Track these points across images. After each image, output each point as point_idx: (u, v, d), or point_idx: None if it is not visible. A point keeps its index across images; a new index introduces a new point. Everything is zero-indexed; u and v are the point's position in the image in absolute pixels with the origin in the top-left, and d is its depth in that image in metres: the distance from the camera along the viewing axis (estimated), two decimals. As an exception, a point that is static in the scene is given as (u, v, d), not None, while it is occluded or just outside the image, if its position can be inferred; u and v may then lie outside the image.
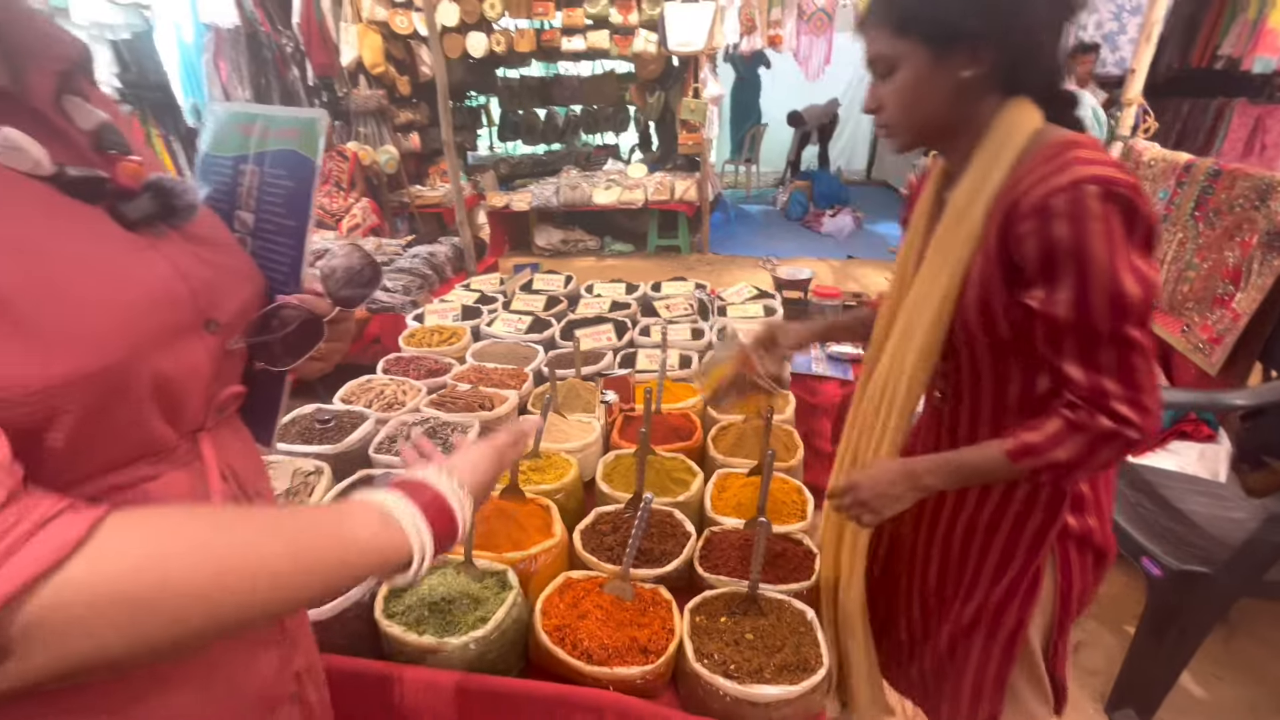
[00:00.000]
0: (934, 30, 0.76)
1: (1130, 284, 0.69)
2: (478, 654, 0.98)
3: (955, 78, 0.78)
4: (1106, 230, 0.68)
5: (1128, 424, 0.72)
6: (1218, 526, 1.46)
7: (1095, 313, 0.70)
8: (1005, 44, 0.76)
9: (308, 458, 1.37)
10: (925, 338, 0.86)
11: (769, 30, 5.02)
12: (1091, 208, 0.68)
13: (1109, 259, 0.68)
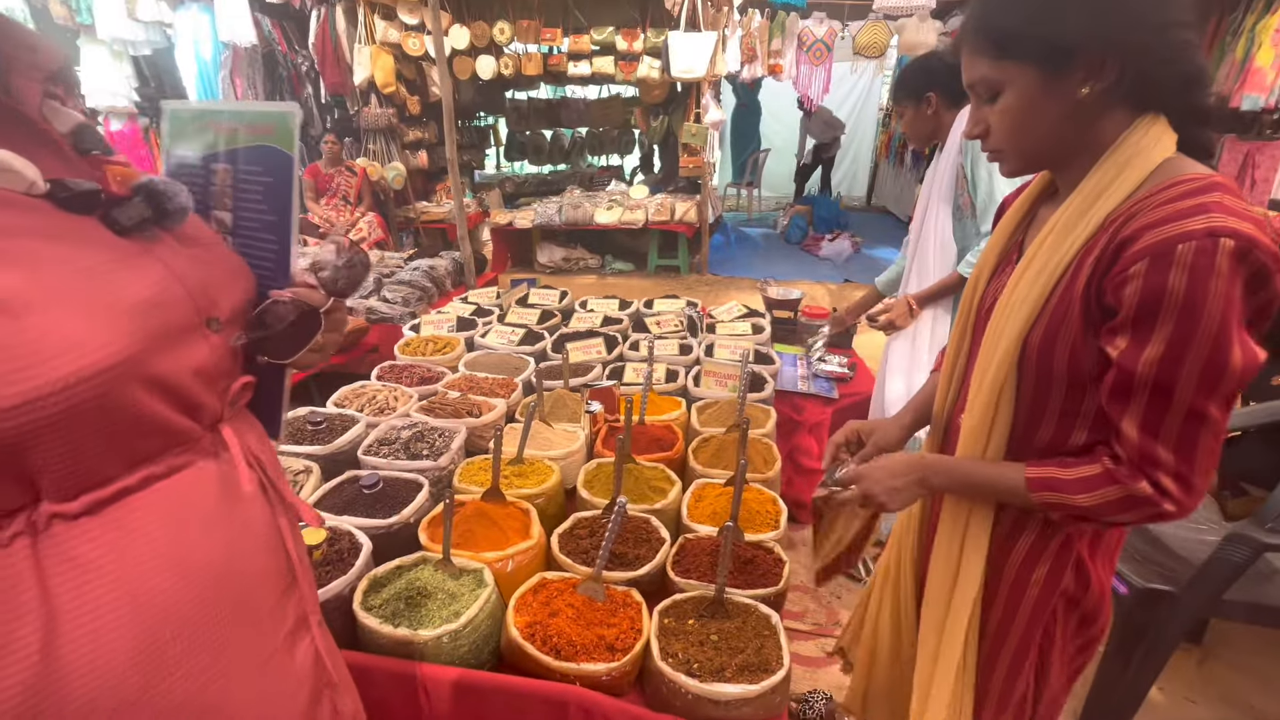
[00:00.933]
0: (1044, 50, 0.67)
1: (1237, 357, 0.61)
2: (450, 647, 1.02)
3: (1072, 97, 0.68)
4: (1230, 294, 0.60)
5: (1168, 497, 0.67)
6: (1187, 548, 1.49)
7: (1182, 379, 0.63)
8: (1133, 52, 0.65)
9: (298, 457, 1.42)
10: (1002, 366, 0.76)
11: (769, 59, 5.16)
12: (1222, 266, 0.59)
13: (1222, 325, 0.60)
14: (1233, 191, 0.63)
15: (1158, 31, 0.65)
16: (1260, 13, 4.06)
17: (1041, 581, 0.83)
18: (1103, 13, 0.64)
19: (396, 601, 1.07)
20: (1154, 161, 0.67)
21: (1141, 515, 0.70)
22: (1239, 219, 0.60)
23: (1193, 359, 0.62)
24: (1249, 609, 1.34)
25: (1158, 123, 0.68)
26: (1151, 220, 0.64)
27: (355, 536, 1.18)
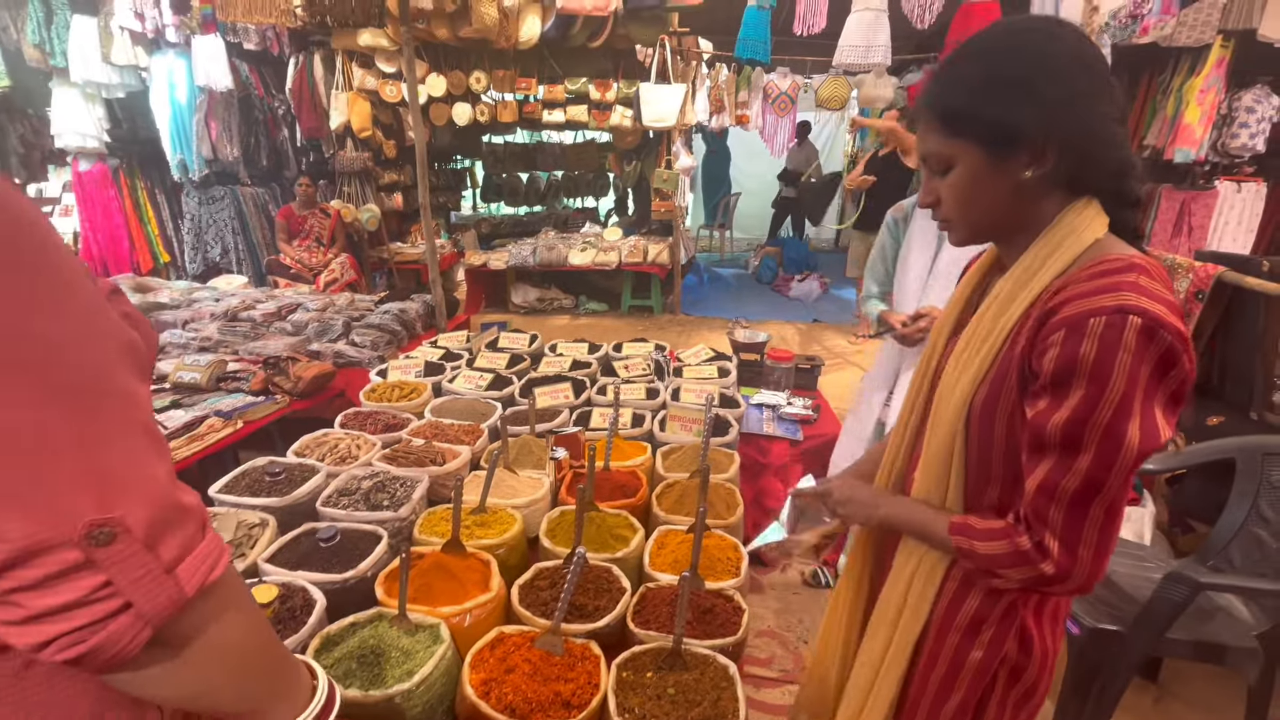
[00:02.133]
0: (989, 132, 0.72)
1: (1134, 431, 0.64)
2: (403, 707, 0.99)
3: (1015, 178, 0.73)
4: (1134, 367, 0.63)
5: (1048, 558, 0.69)
6: (1135, 586, 1.54)
7: (1083, 444, 0.66)
8: (1072, 142, 0.70)
9: (253, 509, 1.40)
10: (949, 425, 0.80)
11: (737, 110, 5.38)
12: (1129, 340, 0.63)
13: (1124, 397, 0.64)
14: (1151, 273, 0.68)
15: (1095, 124, 0.70)
16: (1185, 74, 4.40)
17: (985, 644, 0.83)
18: (1045, 105, 0.69)
19: (349, 660, 1.05)
20: (1085, 242, 0.72)
21: (1026, 575, 0.71)
22: (1150, 299, 0.64)
23: (1094, 426, 0.65)
24: (1194, 647, 1.39)
25: (1091, 206, 0.74)
26: (1073, 295, 0.68)
27: (309, 593, 1.16)
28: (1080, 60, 0.70)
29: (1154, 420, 0.65)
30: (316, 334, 2.89)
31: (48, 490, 0.38)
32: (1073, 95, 0.70)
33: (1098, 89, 0.70)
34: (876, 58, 4.83)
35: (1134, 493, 2.06)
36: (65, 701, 0.47)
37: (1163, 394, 0.65)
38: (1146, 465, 1.73)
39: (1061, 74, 0.69)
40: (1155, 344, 0.63)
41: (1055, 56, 0.70)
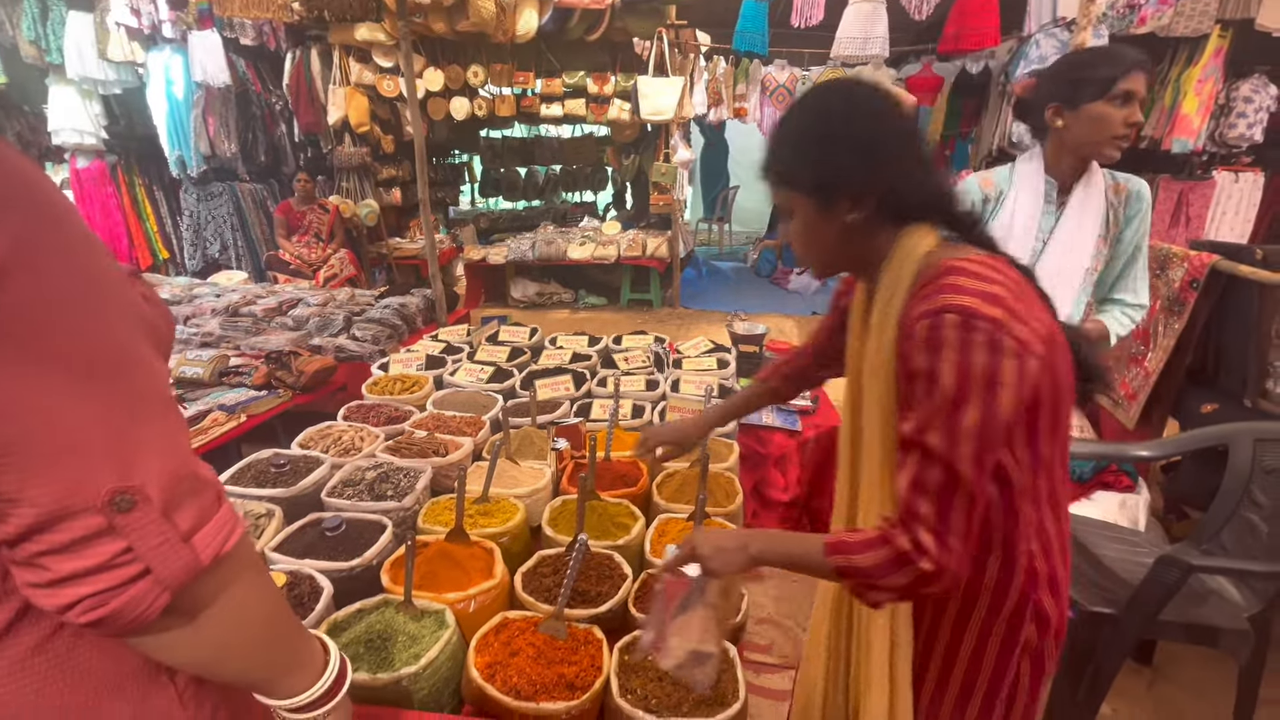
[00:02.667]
0: (810, 185, 0.81)
1: (971, 418, 0.67)
2: (410, 689, 1.02)
3: (842, 221, 0.81)
4: (959, 361, 0.67)
5: (924, 553, 0.69)
6: (1129, 571, 1.56)
7: (930, 438, 0.70)
8: (881, 188, 0.78)
9: (260, 500, 1.41)
10: (877, 457, 0.85)
11: (735, 103, 5.37)
12: (947, 337, 0.68)
13: (955, 390, 0.68)
14: (969, 271, 0.72)
15: (896, 169, 0.78)
16: (1184, 64, 4.40)
17: (1003, 636, 0.84)
18: (851, 162, 0.78)
19: (357, 645, 1.07)
20: (916, 259, 0.79)
21: (907, 577, 0.71)
22: (964, 294, 0.69)
23: (938, 420, 0.69)
24: (1186, 629, 1.41)
25: (919, 229, 0.81)
26: (909, 309, 0.75)
27: (316, 580, 1.18)
28: (875, 116, 0.78)
29: (994, 406, 0.67)
30: (317, 329, 2.90)
31: (73, 457, 0.40)
32: (871, 148, 0.78)
33: (892, 137, 0.78)
34: (874, 49, 4.82)
35: (1129, 479, 2.08)
36: (86, 671, 0.49)
37: (1005, 378, 0.67)
38: (1140, 452, 1.76)
39: (860, 131, 0.78)
40: (974, 333, 0.67)
41: (853, 116, 0.78)
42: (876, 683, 0.90)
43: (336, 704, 0.63)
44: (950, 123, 5.70)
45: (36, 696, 0.47)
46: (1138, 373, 2.19)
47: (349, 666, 0.66)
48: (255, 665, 0.56)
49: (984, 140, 5.37)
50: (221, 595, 0.49)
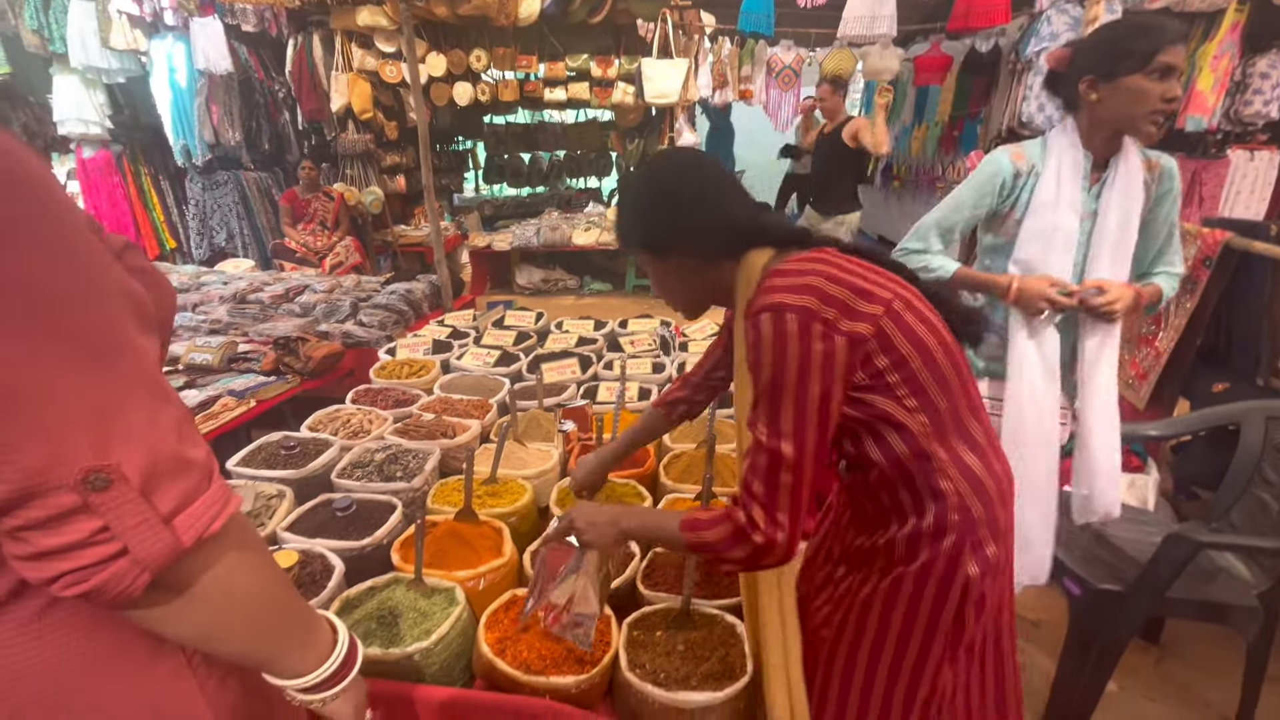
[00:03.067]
0: (645, 244, 0.93)
1: (785, 400, 0.76)
2: (422, 664, 1.03)
3: (682, 267, 0.92)
4: (772, 351, 0.76)
5: (755, 528, 0.77)
6: (1137, 550, 1.55)
7: (758, 423, 0.79)
8: (693, 238, 0.89)
9: (271, 482, 1.43)
10: None
11: (740, 85, 5.31)
12: (763, 332, 0.76)
13: (770, 377, 0.76)
14: (783, 272, 0.81)
15: (704, 219, 0.88)
16: (1199, 40, 4.30)
17: (941, 572, 0.85)
18: (661, 222, 0.89)
19: (369, 621, 1.09)
20: (754, 278, 0.87)
21: (745, 550, 0.78)
22: (775, 293, 0.78)
23: (762, 406, 0.78)
24: (1195, 606, 1.41)
25: (754, 253, 0.89)
26: (746, 320, 0.82)
27: (328, 559, 1.20)
28: (675, 179, 0.89)
29: (806, 386, 0.76)
30: (324, 315, 2.91)
31: (45, 435, 0.40)
32: (674, 208, 0.88)
33: (690, 194, 0.88)
34: (882, 29, 4.74)
35: (1138, 459, 2.07)
36: (92, 634, 0.50)
37: (813, 360, 0.75)
38: (1150, 431, 1.74)
39: (663, 196, 0.89)
40: (783, 324, 0.75)
41: (656, 185, 0.90)
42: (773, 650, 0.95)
43: (347, 685, 0.63)
44: (959, 103, 5.61)
45: (42, 657, 0.48)
46: (1148, 352, 2.16)
47: (359, 647, 0.66)
48: (253, 643, 0.56)
49: (993, 120, 5.29)
50: (209, 574, 0.49)
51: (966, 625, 0.85)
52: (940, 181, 5.94)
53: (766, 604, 0.97)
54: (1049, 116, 4.65)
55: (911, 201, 6.75)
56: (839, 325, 0.76)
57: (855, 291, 0.78)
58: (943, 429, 0.83)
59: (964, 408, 0.85)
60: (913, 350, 0.80)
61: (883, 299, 0.79)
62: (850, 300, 0.77)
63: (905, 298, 0.82)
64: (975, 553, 0.83)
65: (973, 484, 0.83)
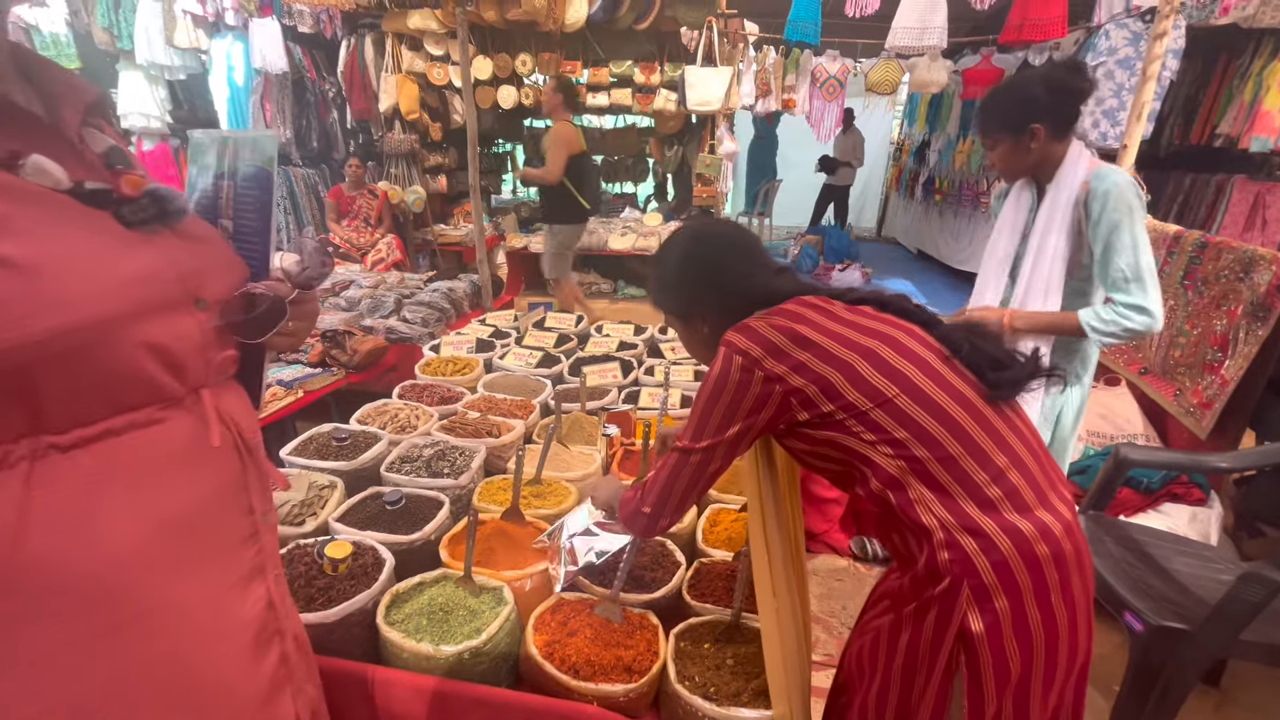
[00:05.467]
0: (666, 310, 1.05)
1: (689, 422, 0.91)
2: (471, 663, 1.03)
3: (701, 333, 1.02)
4: (706, 378, 0.89)
5: (643, 503, 0.95)
6: (1203, 587, 1.48)
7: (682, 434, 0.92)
8: (710, 308, 0.98)
9: (323, 472, 1.45)
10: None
11: (784, 94, 5.28)
12: (713, 363, 0.89)
13: (699, 397, 0.90)
14: (749, 326, 0.88)
15: (715, 293, 0.97)
16: (1267, 58, 4.14)
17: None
18: (678, 295, 1.02)
19: (419, 617, 1.09)
20: None
21: (624, 515, 1.01)
22: (732, 333, 0.89)
23: (689, 419, 0.91)
24: (1268, 650, 1.33)
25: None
26: None
27: (379, 552, 1.21)
28: (703, 252, 0.99)
29: (712, 411, 0.88)
30: (369, 310, 2.97)
31: None
32: (697, 279, 0.98)
33: (714, 265, 0.98)
34: (932, 40, 4.67)
35: (1200, 492, 1.98)
36: None
37: (730, 390, 0.86)
38: (1218, 464, 1.67)
39: (688, 266, 1.00)
40: (718, 357, 0.88)
41: (680, 260, 1.00)
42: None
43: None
44: (1007, 117, 5.49)
45: None
46: (1213, 380, 2.07)
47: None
48: None
49: (1043, 136, 5.16)
50: None
51: (986, 693, 0.79)
52: (985, 197, 5.81)
53: (764, 622, 0.98)
54: (1103, 133, 4.52)
55: (954, 217, 6.62)
56: (762, 363, 0.84)
57: (791, 338, 0.85)
58: (924, 474, 0.80)
59: (963, 457, 0.80)
60: (870, 395, 0.82)
61: (823, 349, 0.84)
62: (783, 345, 0.84)
63: (868, 348, 0.84)
64: (980, 604, 0.78)
65: (967, 526, 0.78)
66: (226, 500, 0.68)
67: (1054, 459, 0.89)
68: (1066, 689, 0.84)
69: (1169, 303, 2.35)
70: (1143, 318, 1.43)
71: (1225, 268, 2.10)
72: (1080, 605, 0.81)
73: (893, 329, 0.87)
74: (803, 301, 0.92)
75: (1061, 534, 0.80)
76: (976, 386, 0.85)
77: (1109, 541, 1.65)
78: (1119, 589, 1.47)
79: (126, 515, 0.59)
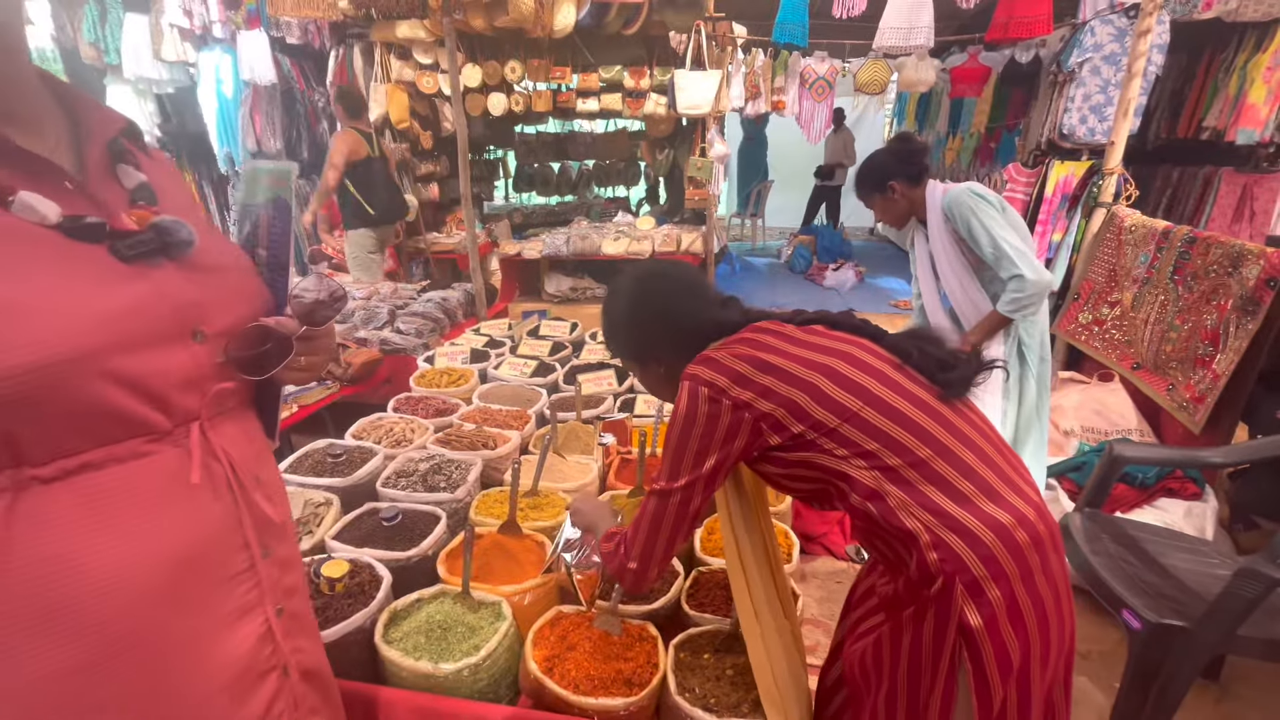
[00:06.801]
0: (622, 358, 1.07)
1: (663, 465, 0.90)
2: (470, 680, 1.03)
3: (658, 373, 1.03)
4: (674, 416, 0.89)
5: (628, 559, 0.94)
6: (1200, 582, 1.49)
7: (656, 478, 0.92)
8: (661, 350, 1.00)
9: (318, 489, 1.45)
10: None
11: (773, 96, 5.29)
12: (679, 399, 0.89)
13: (669, 437, 0.90)
14: (703, 358, 0.90)
15: (662, 337, 0.99)
16: (1251, 51, 4.17)
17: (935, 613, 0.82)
18: (628, 343, 1.04)
19: (418, 635, 1.09)
20: None
21: (612, 569, 0.97)
22: (694, 366, 0.89)
23: (665, 462, 0.91)
24: (1266, 645, 1.34)
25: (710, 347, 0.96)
26: None
27: (375, 569, 1.20)
28: (642, 301, 1.01)
29: (683, 441, 0.87)
30: (363, 321, 2.96)
31: None
32: (642, 326, 1.01)
33: (656, 312, 0.99)
34: (919, 40, 4.69)
35: (1195, 487, 1.99)
36: None
37: (700, 423, 0.86)
38: (1212, 458, 1.68)
39: (632, 316, 1.01)
40: (682, 391, 0.88)
41: (628, 307, 1.02)
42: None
43: None
44: (996, 114, 5.52)
45: None
46: (1204, 375, 2.09)
47: None
48: None
49: (1032, 132, 5.19)
50: None
51: (992, 684, 0.80)
52: (975, 194, 5.83)
53: (749, 635, 0.98)
54: (1090, 129, 4.55)
55: (944, 213, 6.64)
56: (729, 392, 0.85)
57: (753, 364, 0.86)
58: (900, 480, 0.82)
59: (934, 459, 0.82)
60: (837, 411, 0.83)
61: (785, 371, 0.85)
62: (746, 372, 0.85)
63: (827, 366, 0.86)
64: (974, 598, 0.79)
65: (950, 524, 0.79)
66: (217, 535, 0.67)
67: (1012, 448, 0.92)
68: (1059, 665, 0.86)
69: (1159, 297, 2.36)
70: (1020, 283, 1.77)
71: (1214, 262, 2.11)
72: (1060, 583, 0.84)
73: (846, 345, 0.90)
74: (757, 328, 0.94)
75: (1035, 518, 0.83)
76: (930, 389, 0.88)
77: (1106, 539, 1.65)
78: (1116, 587, 1.47)
79: (109, 548, 0.59)
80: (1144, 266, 2.46)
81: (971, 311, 1.96)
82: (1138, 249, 2.54)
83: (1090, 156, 4.44)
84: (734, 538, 0.98)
